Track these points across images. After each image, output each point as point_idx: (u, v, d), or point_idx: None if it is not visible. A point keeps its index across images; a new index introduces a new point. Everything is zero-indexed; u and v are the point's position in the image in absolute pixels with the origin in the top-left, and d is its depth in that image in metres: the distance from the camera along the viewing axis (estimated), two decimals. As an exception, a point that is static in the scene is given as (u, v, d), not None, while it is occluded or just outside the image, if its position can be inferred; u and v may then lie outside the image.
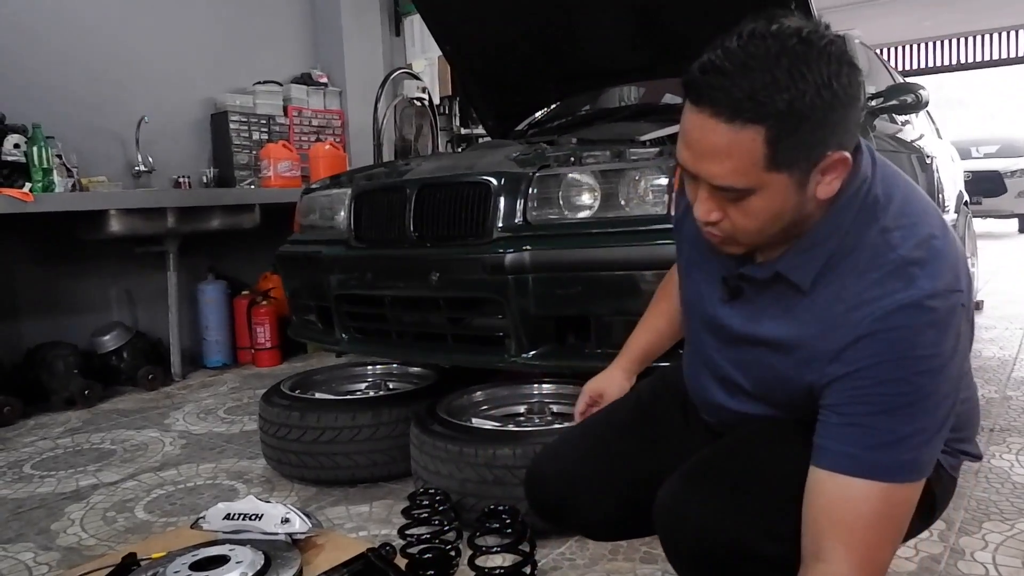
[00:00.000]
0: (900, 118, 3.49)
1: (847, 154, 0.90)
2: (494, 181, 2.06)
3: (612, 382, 1.41)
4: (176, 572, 1.36)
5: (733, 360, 1.11)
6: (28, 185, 3.15)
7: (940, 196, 3.89)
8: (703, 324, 1.16)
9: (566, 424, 1.90)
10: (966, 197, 4.63)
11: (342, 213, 2.48)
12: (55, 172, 3.25)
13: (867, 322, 0.91)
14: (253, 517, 1.51)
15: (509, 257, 1.94)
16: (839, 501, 0.91)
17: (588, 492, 1.25)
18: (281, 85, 4.59)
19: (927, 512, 1.08)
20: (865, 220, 0.95)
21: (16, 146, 3.27)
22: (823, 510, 0.92)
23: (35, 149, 3.17)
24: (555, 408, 2.20)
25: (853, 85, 0.87)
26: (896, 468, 0.90)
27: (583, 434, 1.34)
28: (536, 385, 2.26)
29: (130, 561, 1.47)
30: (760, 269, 1.02)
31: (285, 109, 4.57)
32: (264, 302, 4.08)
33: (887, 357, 0.89)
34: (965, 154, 8.10)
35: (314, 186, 2.81)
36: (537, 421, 2.11)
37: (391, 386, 2.55)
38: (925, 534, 1.74)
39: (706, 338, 1.16)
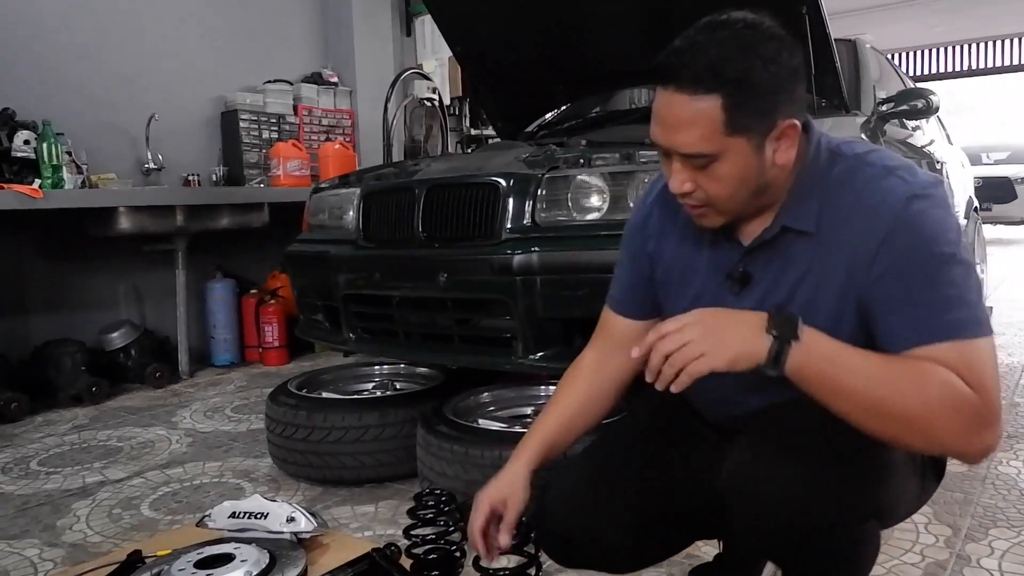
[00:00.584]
0: (910, 123, 3.48)
1: (796, 122, 1.02)
2: (503, 182, 2.06)
3: (515, 487, 1.21)
4: (181, 570, 1.36)
5: None
6: (38, 181, 3.16)
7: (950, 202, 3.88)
8: None
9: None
10: (976, 203, 4.60)
11: (351, 213, 2.48)
12: (65, 169, 3.26)
13: (889, 218, 1.00)
14: (259, 516, 1.51)
15: (517, 258, 1.94)
16: (950, 360, 0.94)
17: (603, 520, 1.18)
18: (291, 84, 4.60)
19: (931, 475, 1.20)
20: (837, 160, 1.08)
21: (26, 142, 3.29)
22: (941, 370, 0.94)
23: (45, 145, 3.18)
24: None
25: (795, 61, 1.02)
26: (964, 324, 0.96)
27: (586, 464, 1.28)
28: (543, 387, 2.25)
29: (135, 558, 1.47)
30: (766, 232, 1.09)
31: (295, 108, 4.59)
32: (272, 301, 4.09)
33: (917, 240, 0.99)
34: (975, 160, 8.06)
35: (323, 185, 2.81)
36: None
37: (398, 386, 2.55)
38: (931, 539, 1.74)
39: None
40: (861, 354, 0.97)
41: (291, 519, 1.49)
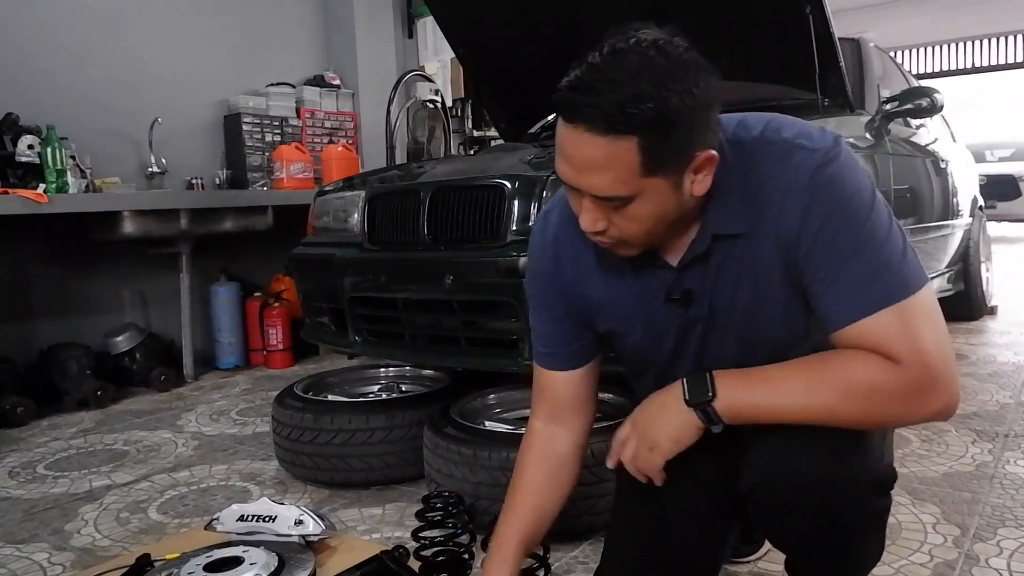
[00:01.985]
0: (915, 122, 3.47)
1: (713, 152, 0.97)
2: (508, 184, 2.06)
3: None
4: (190, 573, 1.36)
5: (729, 350, 1.12)
6: (42, 186, 3.17)
7: (954, 200, 3.87)
8: (671, 358, 1.17)
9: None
10: (981, 201, 4.60)
11: (356, 215, 2.48)
12: (69, 173, 3.27)
13: (802, 195, 0.99)
14: (267, 519, 1.51)
15: (523, 260, 1.94)
16: (875, 334, 0.96)
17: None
18: (294, 87, 4.61)
19: None
20: (740, 148, 1.03)
21: (30, 147, 3.29)
22: (864, 361, 0.96)
23: (49, 150, 3.19)
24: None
25: (711, 88, 0.94)
26: (892, 290, 0.96)
27: (631, 543, 1.27)
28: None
29: (144, 562, 1.47)
30: (697, 246, 1.06)
31: (298, 111, 4.59)
32: (276, 304, 4.09)
33: (832, 207, 0.98)
34: (979, 158, 8.03)
35: (328, 188, 2.81)
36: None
37: (404, 388, 2.55)
38: (939, 539, 1.73)
39: (682, 364, 1.17)
40: (780, 375, 1.01)
41: (299, 522, 1.49)
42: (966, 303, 4.34)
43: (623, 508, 1.32)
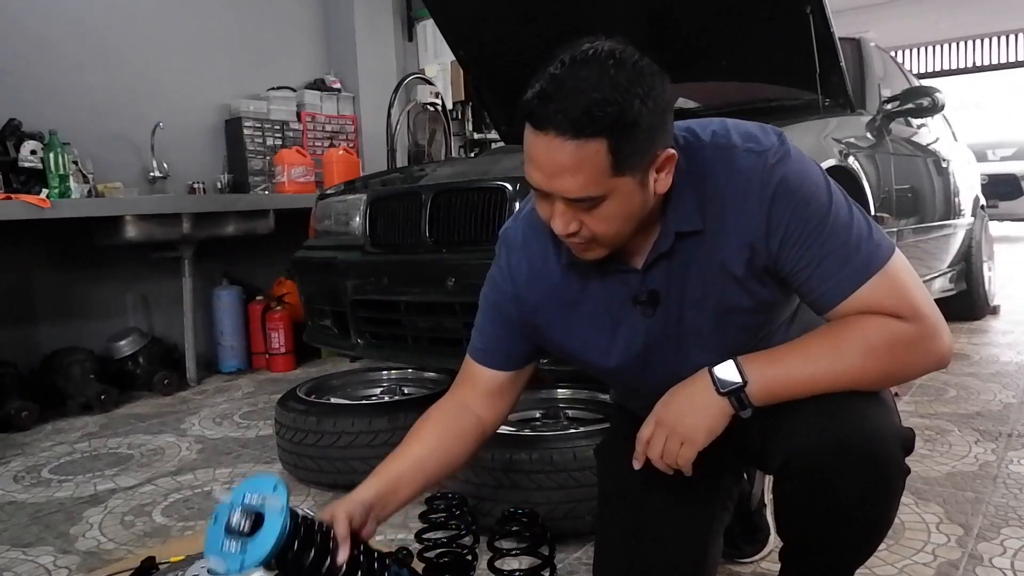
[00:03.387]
0: (916, 121, 3.48)
1: (673, 151, 1.04)
2: (510, 186, 2.06)
3: (352, 510, 1.11)
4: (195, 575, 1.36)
5: (710, 343, 1.14)
6: (45, 191, 3.17)
7: (956, 199, 3.87)
8: (641, 359, 1.19)
9: (581, 428, 1.90)
10: (982, 201, 4.60)
11: (357, 219, 2.48)
12: (71, 178, 3.27)
13: (762, 194, 1.05)
14: (271, 521, 1.51)
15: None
16: (869, 302, 1.03)
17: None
18: (295, 91, 4.61)
19: None
20: (694, 153, 1.09)
21: (33, 152, 3.30)
22: (872, 320, 1.03)
23: (52, 155, 3.20)
24: (570, 413, 2.20)
25: (666, 92, 1.02)
26: (870, 259, 1.04)
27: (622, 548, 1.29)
28: (551, 390, 2.25)
29: (149, 565, 1.48)
30: (661, 245, 1.10)
31: (299, 115, 4.60)
32: (278, 307, 4.10)
33: (795, 202, 1.05)
34: (981, 157, 8.02)
35: (329, 192, 2.82)
36: (552, 426, 2.11)
37: (406, 391, 2.56)
38: (942, 539, 1.73)
39: (659, 365, 1.18)
40: (802, 348, 1.06)
41: (303, 524, 1.49)
42: (968, 303, 4.34)
43: (606, 516, 1.34)
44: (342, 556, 1.04)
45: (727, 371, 1.06)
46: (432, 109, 4.87)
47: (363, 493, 1.16)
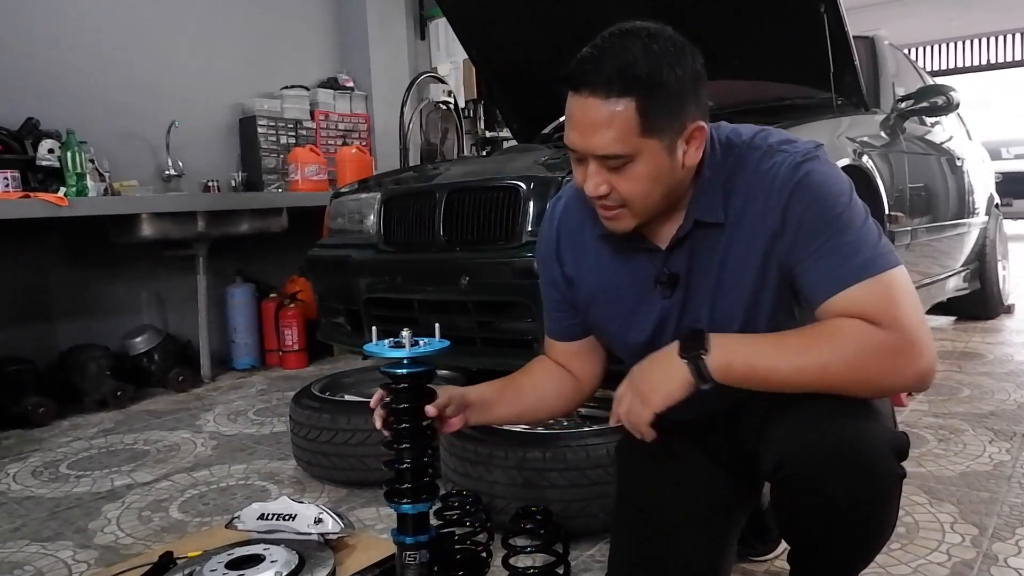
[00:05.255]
0: (930, 120, 3.46)
1: (703, 124, 1.09)
2: (523, 185, 2.07)
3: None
4: (212, 571, 1.38)
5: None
6: (62, 190, 3.20)
7: (970, 198, 3.85)
8: (654, 340, 1.23)
9: (594, 427, 1.91)
10: (997, 199, 4.57)
11: (371, 217, 2.50)
12: (88, 177, 3.30)
13: (783, 190, 1.09)
14: (287, 517, 1.53)
15: (538, 261, 1.95)
16: (860, 303, 1.04)
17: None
18: (308, 89, 4.64)
19: None
20: (731, 150, 1.14)
21: (50, 151, 3.33)
22: (850, 323, 1.04)
23: (69, 154, 3.23)
24: (583, 411, 2.20)
25: (698, 65, 1.08)
26: (869, 263, 1.05)
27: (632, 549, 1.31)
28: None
29: (167, 559, 1.50)
30: (681, 230, 1.16)
31: (312, 113, 4.62)
32: (292, 305, 4.12)
33: (813, 199, 1.08)
34: (995, 155, 7.96)
35: (343, 190, 2.83)
36: (565, 424, 2.12)
37: (419, 389, 2.56)
38: (957, 539, 1.73)
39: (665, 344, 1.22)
40: (775, 338, 1.09)
41: (318, 520, 1.51)
42: (982, 302, 4.31)
43: (623, 514, 1.36)
44: (431, 410, 1.25)
45: (692, 339, 1.10)
46: (444, 107, 4.88)
47: (470, 394, 1.33)
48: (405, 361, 1.26)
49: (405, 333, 1.26)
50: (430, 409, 1.25)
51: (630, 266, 1.23)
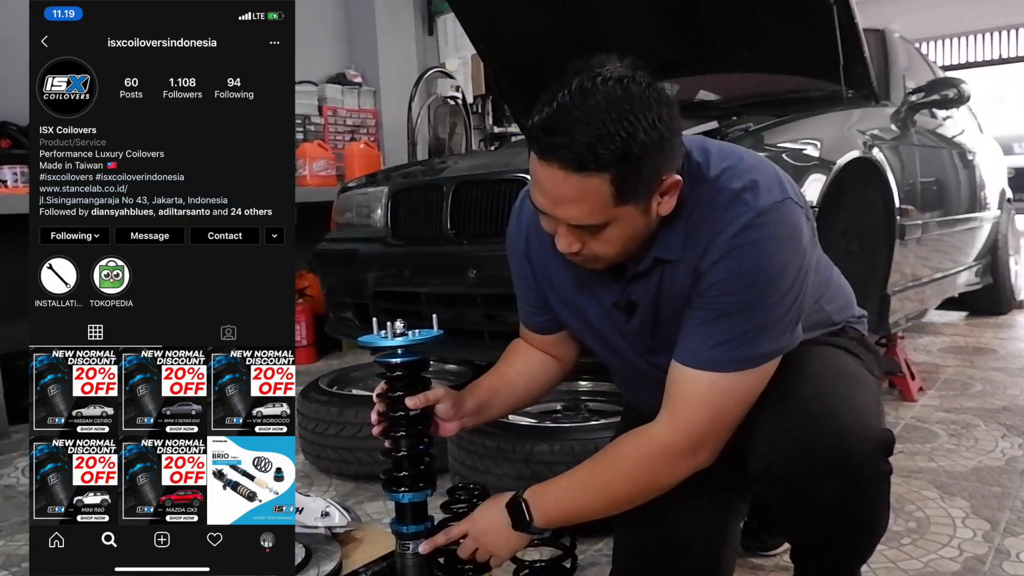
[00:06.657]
0: (941, 113, 3.43)
1: (678, 177, 1.03)
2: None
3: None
4: (220, 563, 1.38)
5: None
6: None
7: (982, 192, 3.82)
8: (620, 356, 1.27)
9: (601, 420, 1.90)
10: (1009, 194, 4.53)
11: (379, 211, 2.50)
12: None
13: (724, 244, 1.05)
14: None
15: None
16: (677, 384, 1.10)
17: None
18: (316, 85, 4.64)
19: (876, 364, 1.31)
20: (697, 185, 1.08)
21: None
22: (668, 389, 1.11)
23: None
24: (591, 405, 2.20)
25: (674, 120, 1.00)
26: (720, 362, 1.06)
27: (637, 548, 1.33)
28: (572, 382, 2.25)
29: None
30: (640, 265, 1.13)
31: (320, 109, 4.63)
32: (299, 299, 4.12)
33: (735, 271, 1.04)
34: (1007, 150, 7.88)
35: (351, 184, 2.83)
36: (573, 417, 2.11)
37: (427, 382, 2.56)
38: (968, 533, 1.72)
39: (635, 360, 1.25)
40: (570, 475, 1.17)
41: (325, 514, 1.51)
42: (994, 297, 4.28)
43: None
44: (410, 402, 1.24)
45: (519, 513, 1.16)
46: (452, 103, 4.88)
47: (466, 402, 1.32)
48: (399, 351, 1.26)
49: (398, 323, 1.26)
50: (410, 401, 1.24)
51: (591, 288, 1.21)
